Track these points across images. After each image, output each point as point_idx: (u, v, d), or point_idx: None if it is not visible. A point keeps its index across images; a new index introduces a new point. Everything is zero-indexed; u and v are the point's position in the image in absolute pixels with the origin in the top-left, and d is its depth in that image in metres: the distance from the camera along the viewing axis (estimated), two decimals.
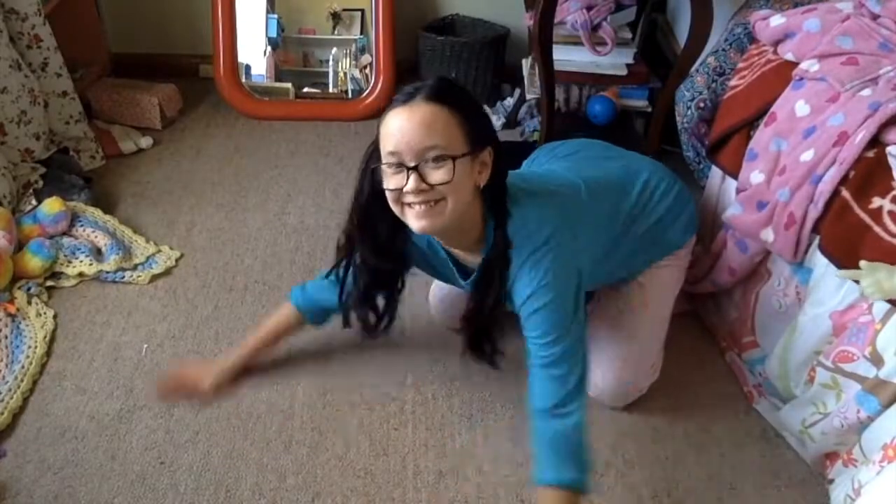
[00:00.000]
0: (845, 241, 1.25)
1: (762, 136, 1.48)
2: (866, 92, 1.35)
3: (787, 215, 1.36)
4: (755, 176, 1.47)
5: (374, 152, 1.20)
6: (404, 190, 1.12)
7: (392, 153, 1.12)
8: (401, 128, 1.11)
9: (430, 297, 1.70)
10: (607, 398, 1.50)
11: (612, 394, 1.49)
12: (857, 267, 1.20)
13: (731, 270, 1.57)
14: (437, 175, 1.11)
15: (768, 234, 1.41)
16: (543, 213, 1.23)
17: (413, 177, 1.10)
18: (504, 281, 1.22)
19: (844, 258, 1.24)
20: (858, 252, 1.22)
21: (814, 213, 1.32)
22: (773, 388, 1.49)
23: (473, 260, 1.30)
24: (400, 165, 1.11)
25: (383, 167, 1.14)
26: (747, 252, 1.52)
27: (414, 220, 1.15)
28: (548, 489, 1.17)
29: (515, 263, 1.20)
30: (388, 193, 1.15)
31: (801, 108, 1.42)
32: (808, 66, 1.45)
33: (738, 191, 1.54)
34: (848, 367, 1.24)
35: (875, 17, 1.49)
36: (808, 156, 1.35)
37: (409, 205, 1.14)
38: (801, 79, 1.46)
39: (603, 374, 1.47)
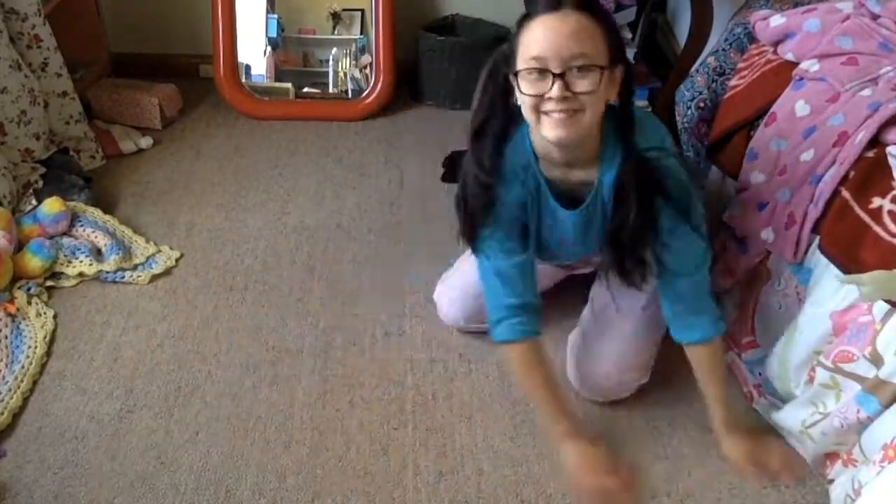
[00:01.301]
0: (845, 240, 1.25)
1: (762, 136, 1.48)
2: (866, 92, 1.35)
3: (787, 215, 1.36)
4: (755, 176, 1.47)
5: (505, 59, 1.19)
6: (547, 96, 1.12)
7: (537, 58, 1.11)
8: (550, 34, 1.11)
9: (440, 298, 1.69)
10: (592, 392, 1.51)
11: (600, 389, 1.49)
12: (857, 268, 1.20)
13: (731, 271, 1.57)
14: (582, 84, 1.11)
15: (768, 235, 1.41)
16: (661, 130, 1.28)
17: (558, 83, 1.10)
18: (646, 193, 1.22)
19: (844, 258, 1.24)
20: (858, 252, 1.22)
21: (814, 213, 1.32)
22: (772, 388, 1.49)
23: (587, 177, 1.28)
24: (544, 71, 1.11)
25: (522, 73, 1.13)
26: (747, 252, 1.52)
27: (551, 128, 1.14)
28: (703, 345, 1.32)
29: (652, 160, 1.22)
30: (525, 99, 1.15)
31: (802, 108, 1.42)
32: (809, 66, 1.45)
33: (738, 191, 1.54)
34: (848, 367, 1.24)
35: (875, 17, 1.49)
36: (808, 156, 1.35)
37: (548, 112, 1.14)
38: (802, 79, 1.46)
39: (594, 370, 1.48)
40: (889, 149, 1.26)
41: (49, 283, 1.78)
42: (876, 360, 1.19)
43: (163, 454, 1.40)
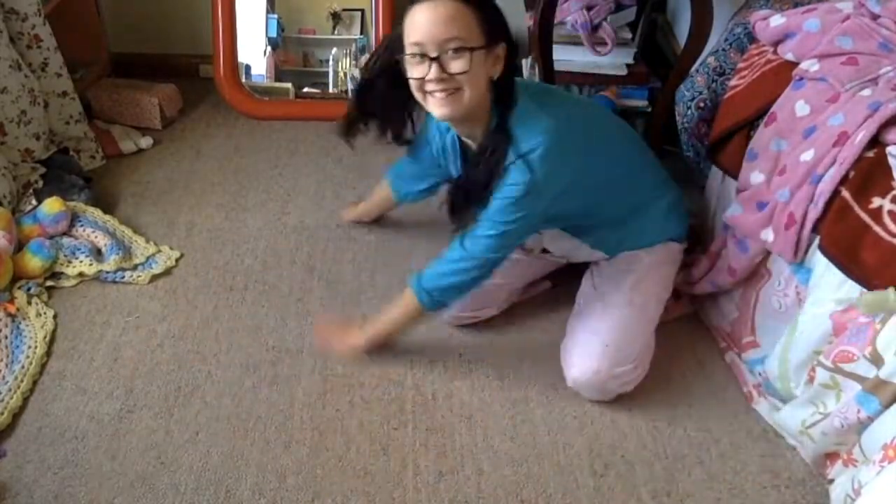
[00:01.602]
0: (845, 241, 1.25)
1: (762, 136, 1.48)
2: (866, 92, 1.35)
3: (786, 215, 1.36)
4: (755, 176, 1.47)
5: (396, 40, 1.32)
6: (426, 78, 1.26)
7: (416, 44, 1.25)
8: (425, 21, 1.24)
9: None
10: (585, 387, 1.50)
11: (588, 383, 1.48)
12: (858, 268, 1.20)
13: (731, 271, 1.57)
14: (456, 65, 1.24)
15: (768, 235, 1.41)
16: (542, 120, 1.33)
17: (434, 66, 1.24)
18: (495, 164, 1.34)
19: (844, 258, 1.24)
20: (858, 252, 1.22)
21: (814, 213, 1.32)
22: (773, 388, 1.49)
23: (476, 140, 1.42)
24: (423, 56, 1.25)
25: (407, 58, 1.27)
26: (747, 252, 1.52)
27: (435, 107, 1.29)
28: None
29: (509, 158, 1.33)
30: (411, 82, 1.29)
31: (801, 108, 1.42)
32: (809, 65, 1.45)
33: (738, 191, 1.54)
34: (848, 367, 1.24)
35: (875, 17, 1.49)
36: (808, 156, 1.35)
37: (431, 93, 1.28)
38: (802, 79, 1.46)
39: (580, 360, 1.48)
40: (889, 149, 1.26)
41: (49, 283, 1.78)
42: (876, 360, 1.19)
43: (163, 454, 1.40)
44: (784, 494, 1.38)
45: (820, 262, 1.32)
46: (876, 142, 1.28)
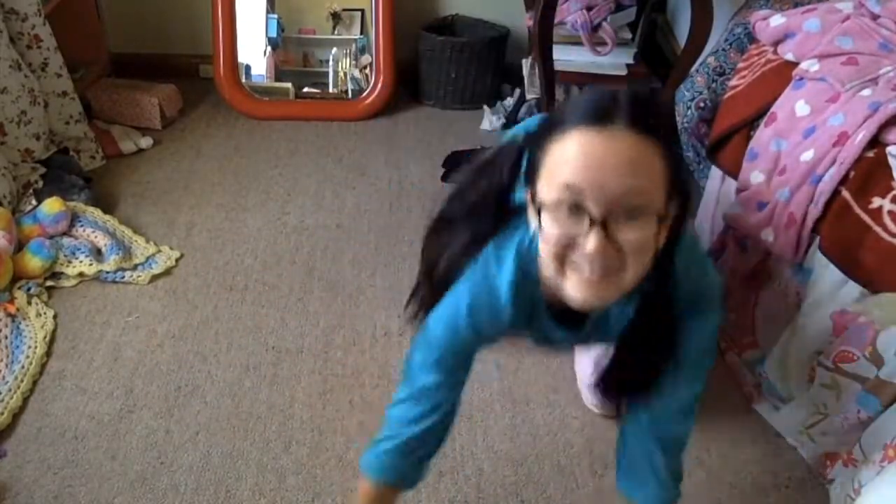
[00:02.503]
0: (845, 241, 1.25)
1: (762, 136, 1.48)
2: (866, 92, 1.35)
3: (787, 215, 1.36)
4: (755, 176, 1.47)
5: (513, 165, 0.93)
6: (580, 245, 0.81)
7: (571, 187, 0.79)
8: (593, 159, 0.79)
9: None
10: (604, 407, 1.48)
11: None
12: (858, 269, 1.20)
13: (731, 270, 1.57)
14: (630, 233, 0.80)
15: (768, 235, 1.41)
16: (710, 273, 1.00)
17: (597, 233, 0.79)
18: (665, 334, 0.96)
19: (844, 259, 1.24)
20: (858, 252, 1.22)
21: (814, 213, 1.32)
22: (773, 389, 1.49)
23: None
24: (579, 209, 0.80)
25: (547, 204, 0.82)
26: (747, 252, 1.52)
27: (578, 289, 0.84)
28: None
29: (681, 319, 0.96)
30: (548, 239, 0.83)
31: (802, 108, 1.42)
32: (809, 65, 1.45)
33: (738, 191, 1.54)
34: (848, 368, 1.24)
35: (875, 18, 1.49)
36: (808, 156, 1.35)
37: (576, 268, 0.83)
38: (802, 79, 1.46)
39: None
40: (889, 149, 1.25)
41: (49, 283, 1.77)
42: (876, 360, 1.19)
43: (163, 454, 1.40)
44: (784, 494, 1.37)
45: (820, 263, 1.32)
46: (876, 142, 1.28)
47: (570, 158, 0.80)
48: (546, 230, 0.83)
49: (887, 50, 1.42)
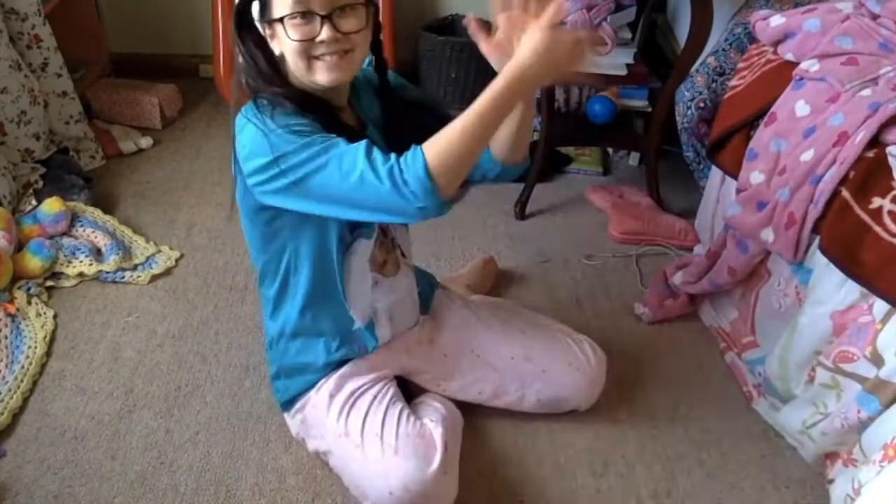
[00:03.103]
0: (845, 241, 1.25)
1: (762, 136, 1.48)
2: (866, 92, 1.35)
3: (787, 215, 1.36)
4: (755, 176, 1.47)
5: (247, 6, 1.12)
6: (317, 40, 1.07)
7: (299, 0, 1.05)
8: None
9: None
10: (582, 401, 1.47)
11: (584, 395, 1.46)
12: (858, 269, 1.20)
13: (731, 270, 1.57)
14: (349, 23, 1.08)
15: (768, 235, 1.41)
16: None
17: (327, 26, 1.06)
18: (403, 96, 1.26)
19: (845, 259, 1.24)
20: (859, 252, 1.22)
21: (814, 213, 1.32)
22: (773, 388, 1.49)
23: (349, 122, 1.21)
24: (308, 14, 1.06)
25: (286, 18, 1.06)
26: (747, 252, 1.52)
27: (325, 72, 1.09)
28: None
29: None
30: (293, 46, 1.08)
31: (802, 108, 1.42)
32: (809, 66, 1.45)
33: (738, 191, 1.54)
34: (848, 368, 1.24)
35: (875, 18, 1.49)
36: (808, 156, 1.35)
37: (319, 56, 1.08)
38: (802, 79, 1.46)
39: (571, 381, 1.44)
40: (889, 149, 1.25)
41: (49, 283, 1.78)
42: (876, 360, 1.19)
43: (163, 454, 1.40)
44: (784, 494, 1.37)
45: (820, 262, 1.32)
46: (876, 141, 1.28)
47: None
48: (292, 37, 1.07)
49: (887, 50, 1.42)
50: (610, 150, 2.41)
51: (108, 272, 1.80)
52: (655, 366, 1.62)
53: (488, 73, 1.17)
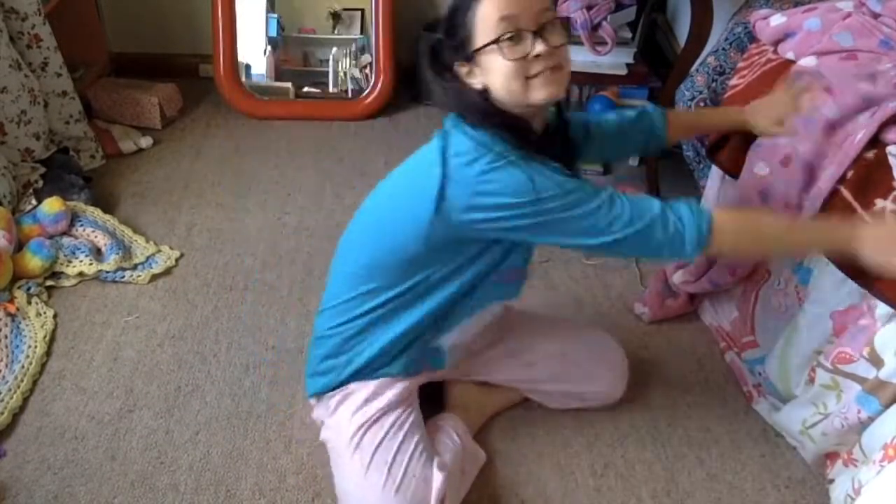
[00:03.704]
0: None
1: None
2: (862, 85, 1.34)
3: (783, 207, 1.35)
4: (760, 167, 1.45)
5: (438, 46, 1.12)
6: (532, 55, 1.06)
7: (507, 18, 1.05)
8: None
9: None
10: (616, 393, 1.51)
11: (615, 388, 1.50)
12: (859, 270, 1.19)
13: (731, 269, 1.57)
14: (556, 37, 1.08)
15: None
16: None
17: (539, 40, 1.05)
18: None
19: (846, 259, 1.23)
20: None
21: (811, 210, 1.31)
22: (773, 389, 1.48)
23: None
24: (518, 34, 1.05)
25: (500, 41, 1.05)
26: None
27: (542, 88, 1.08)
28: None
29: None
30: (508, 69, 1.06)
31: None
32: (806, 62, 1.44)
33: (741, 185, 1.52)
34: (847, 368, 1.24)
35: (876, 17, 1.49)
36: (804, 147, 1.34)
37: (536, 75, 1.07)
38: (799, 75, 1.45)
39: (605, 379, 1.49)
40: (889, 148, 1.25)
41: (49, 282, 1.78)
42: (875, 360, 1.19)
43: (163, 454, 1.40)
44: (784, 494, 1.38)
45: (820, 262, 1.32)
46: (876, 141, 1.28)
47: (496, 4, 1.05)
48: (507, 57, 1.06)
49: (888, 47, 1.41)
50: None
51: (108, 272, 1.80)
52: (655, 366, 1.62)
53: None
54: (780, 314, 1.46)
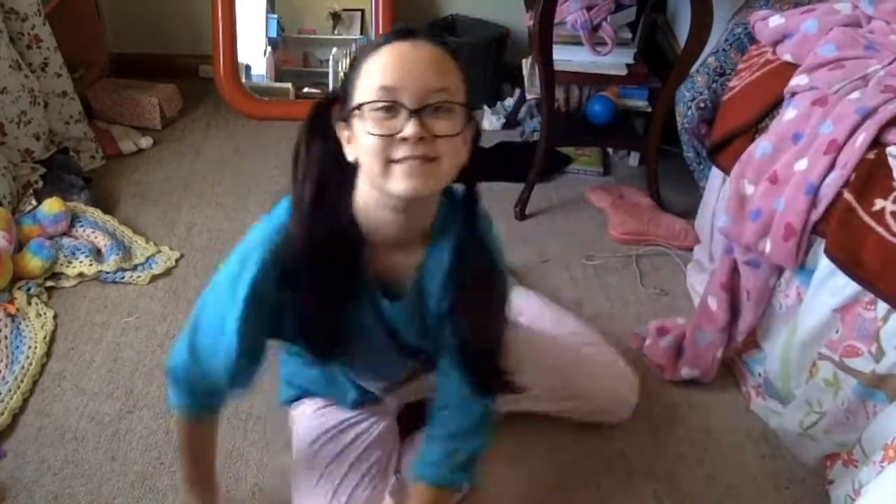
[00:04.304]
0: (849, 244, 1.24)
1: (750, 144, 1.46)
2: (855, 95, 1.34)
3: (784, 226, 1.34)
4: (744, 185, 1.45)
5: (330, 105, 0.97)
6: (400, 136, 0.88)
7: (386, 88, 0.88)
8: (404, 61, 0.89)
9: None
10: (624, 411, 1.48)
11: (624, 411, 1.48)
12: (861, 271, 1.19)
13: (747, 293, 1.53)
14: (442, 125, 0.90)
15: (765, 245, 1.39)
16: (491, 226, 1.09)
17: (414, 121, 0.87)
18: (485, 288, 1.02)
19: (849, 261, 1.23)
20: (861, 254, 1.22)
21: (814, 217, 1.31)
22: (773, 389, 1.48)
23: (407, 261, 1.04)
24: (394, 107, 0.88)
25: (367, 107, 0.89)
26: (759, 269, 1.48)
27: (402, 178, 0.89)
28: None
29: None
30: (370, 142, 0.89)
31: (788, 113, 1.41)
32: (798, 81, 1.44)
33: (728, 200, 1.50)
34: (852, 363, 1.24)
35: (869, 19, 1.49)
36: (801, 165, 1.34)
37: (401, 161, 0.89)
38: (794, 94, 1.44)
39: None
40: (889, 149, 1.25)
41: (49, 283, 1.77)
42: (879, 355, 1.19)
43: (163, 454, 1.40)
44: (784, 495, 1.38)
45: (821, 263, 1.32)
46: (876, 142, 1.28)
47: (383, 65, 0.90)
48: (370, 129, 0.89)
49: (873, 51, 1.41)
50: (610, 150, 2.41)
51: (108, 272, 1.80)
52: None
53: (488, 73, 1.17)
54: (781, 315, 1.46)
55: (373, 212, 0.97)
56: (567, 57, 2.12)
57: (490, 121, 2.52)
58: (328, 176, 0.97)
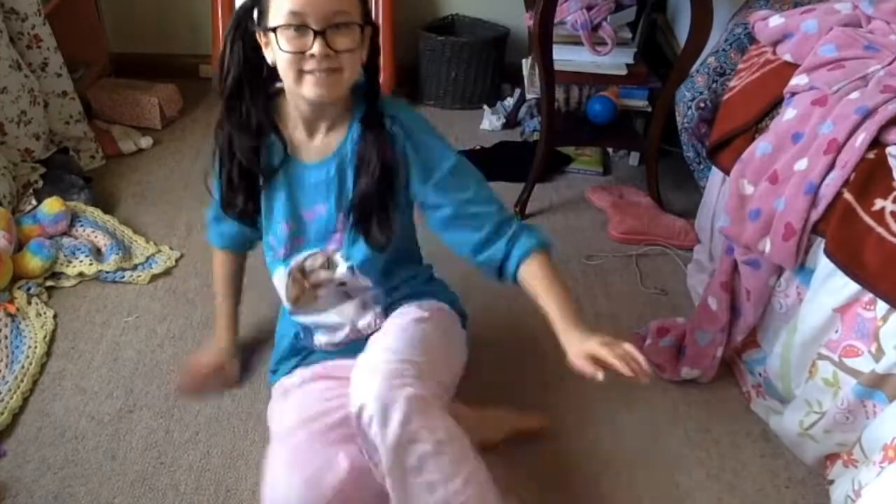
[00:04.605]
0: (850, 244, 1.24)
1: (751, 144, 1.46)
2: (854, 95, 1.34)
3: (784, 226, 1.34)
4: (744, 185, 1.45)
5: (250, 13, 1.15)
6: (308, 54, 1.08)
7: (294, 13, 1.07)
8: None
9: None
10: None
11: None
12: (861, 271, 1.19)
13: (746, 293, 1.53)
14: (342, 42, 1.09)
15: (765, 245, 1.40)
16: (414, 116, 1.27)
17: (319, 41, 1.07)
18: (384, 152, 1.19)
19: (849, 262, 1.23)
20: (861, 254, 1.22)
21: (814, 216, 1.31)
22: (773, 389, 1.48)
23: (328, 143, 1.23)
24: (302, 28, 1.07)
25: (280, 29, 1.08)
26: (759, 269, 1.48)
27: (312, 87, 1.11)
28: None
29: (400, 139, 1.20)
30: (285, 57, 1.10)
31: (787, 113, 1.41)
32: (798, 81, 1.44)
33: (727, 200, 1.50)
34: (851, 363, 1.24)
35: (869, 19, 1.49)
36: (801, 165, 1.34)
37: (309, 71, 1.10)
38: (793, 94, 1.44)
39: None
40: (889, 149, 1.25)
41: (49, 283, 1.78)
42: (878, 354, 1.19)
43: (163, 454, 1.40)
44: (784, 494, 1.38)
45: (821, 263, 1.32)
46: (876, 142, 1.28)
47: None
48: (283, 48, 1.09)
49: (873, 51, 1.41)
50: (610, 150, 2.41)
51: (108, 272, 1.80)
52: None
53: (488, 73, 1.22)
54: (781, 315, 1.46)
55: (293, 103, 1.20)
56: (567, 57, 2.12)
57: (490, 121, 2.52)
58: (245, 72, 1.17)
